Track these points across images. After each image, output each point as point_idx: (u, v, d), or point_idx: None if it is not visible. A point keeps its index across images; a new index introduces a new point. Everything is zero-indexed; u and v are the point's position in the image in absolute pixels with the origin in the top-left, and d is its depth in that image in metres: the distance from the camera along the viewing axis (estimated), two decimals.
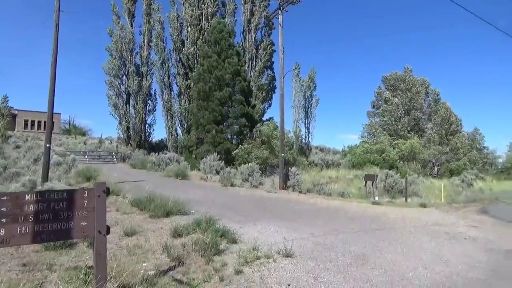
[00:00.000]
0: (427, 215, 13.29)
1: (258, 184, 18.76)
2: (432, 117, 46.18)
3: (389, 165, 30.95)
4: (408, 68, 48.32)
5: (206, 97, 26.77)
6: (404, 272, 5.79)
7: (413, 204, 16.67)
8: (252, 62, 32.64)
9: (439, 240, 8.56)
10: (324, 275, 5.43)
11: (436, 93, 47.76)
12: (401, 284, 5.21)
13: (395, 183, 20.57)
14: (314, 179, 22.12)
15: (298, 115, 34.80)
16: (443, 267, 6.15)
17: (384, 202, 16.91)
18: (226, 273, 5.18)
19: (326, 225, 9.64)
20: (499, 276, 5.77)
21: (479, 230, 10.42)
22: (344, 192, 18.96)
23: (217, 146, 25.50)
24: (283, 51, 19.62)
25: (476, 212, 15.70)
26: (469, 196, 21.03)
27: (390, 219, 11.60)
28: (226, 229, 7.16)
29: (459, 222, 11.80)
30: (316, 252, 6.68)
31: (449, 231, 9.89)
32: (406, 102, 45.43)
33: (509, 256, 7.22)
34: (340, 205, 14.60)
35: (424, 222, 11.28)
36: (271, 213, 11.13)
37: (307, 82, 35.62)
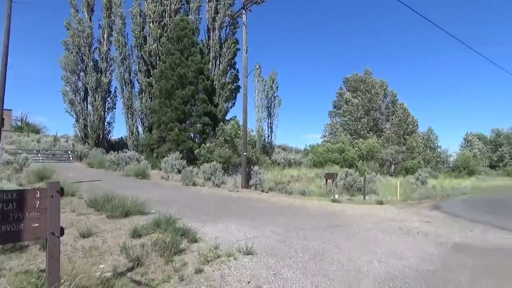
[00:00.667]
0: (383, 211, 13.80)
1: (220, 183, 18.71)
2: (390, 118, 48.02)
3: (349, 164, 31.84)
4: (368, 70, 50.00)
5: (168, 95, 26.33)
6: (360, 266, 6.00)
7: (371, 201, 17.26)
8: (216, 61, 32.45)
9: (394, 235, 8.93)
10: (284, 271, 5.52)
11: (394, 94, 49.72)
12: (357, 278, 5.40)
13: (354, 181, 21.20)
14: (276, 178, 22.36)
15: (261, 114, 35.02)
16: (397, 261, 6.43)
17: (344, 199, 17.40)
18: (186, 273, 5.14)
19: (287, 222, 9.79)
20: (448, 268, 6.11)
21: (431, 225, 10.97)
22: (305, 190, 19.29)
23: (179, 145, 25.17)
24: (247, 51, 19.68)
25: (429, 208, 16.52)
26: (423, 193, 22.09)
27: (349, 216, 11.95)
28: (187, 228, 7.09)
29: (413, 218, 12.36)
30: (277, 249, 6.77)
31: (403, 226, 10.34)
32: (366, 103, 46.94)
33: (457, 249, 7.66)
34: (301, 203, 14.85)
35: (380, 219, 11.72)
36: (233, 211, 11.15)
37: (270, 82, 35.91)
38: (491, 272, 5.95)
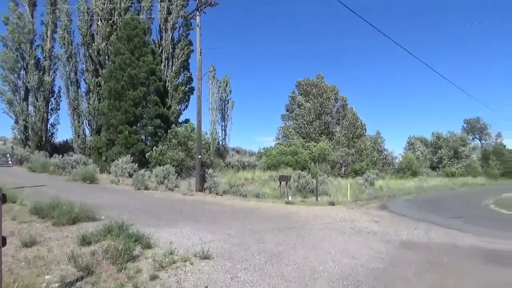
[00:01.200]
0: (335, 212, 14.23)
1: (174, 186, 18.33)
2: (340, 122, 49.71)
3: (302, 166, 32.53)
4: (320, 75, 51.40)
5: (118, 96, 25.38)
6: (315, 266, 6.13)
7: (323, 203, 17.73)
8: (168, 62, 31.77)
9: (346, 235, 9.24)
10: (241, 274, 5.50)
11: (344, 99, 51.50)
12: (312, 277, 5.51)
13: (307, 183, 21.69)
14: (231, 181, 22.33)
15: (215, 117, 34.83)
16: (349, 260, 6.65)
17: (297, 201, 17.72)
18: (140, 280, 4.96)
19: (243, 225, 9.79)
20: (396, 265, 6.42)
21: (379, 224, 11.48)
22: (260, 192, 19.43)
23: (130, 147, 24.33)
24: (201, 52, 19.48)
25: (377, 208, 17.28)
26: (371, 194, 23.08)
27: (302, 217, 12.19)
28: (140, 234, 6.86)
29: (363, 218, 12.86)
30: (234, 253, 6.74)
31: (354, 226, 10.73)
32: (318, 107, 48.21)
33: (404, 246, 8.07)
34: (256, 206, 14.93)
35: (333, 219, 12.07)
36: (187, 215, 10.96)
37: (223, 84, 35.85)
38: (435, 268, 6.32)
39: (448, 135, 67.78)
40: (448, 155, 63.72)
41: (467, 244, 8.53)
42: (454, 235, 9.87)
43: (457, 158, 63.37)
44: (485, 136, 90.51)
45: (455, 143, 65.15)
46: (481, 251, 7.83)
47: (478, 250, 7.89)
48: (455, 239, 9.20)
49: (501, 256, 7.33)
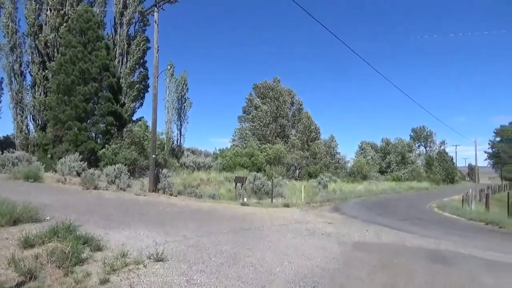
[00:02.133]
0: (290, 214, 14.40)
1: (126, 186, 17.65)
2: (295, 125, 50.59)
3: (257, 168, 32.68)
4: (277, 78, 52.01)
5: (68, 91, 24.03)
6: (272, 267, 6.11)
7: (278, 204, 17.90)
8: (123, 58, 30.62)
9: (301, 236, 9.34)
10: (197, 277, 5.35)
11: (299, 103, 52.50)
12: (269, 279, 5.48)
13: (262, 185, 21.80)
14: (186, 181, 21.92)
15: (171, 116, 34.06)
16: (306, 261, 6.71)
17: (253, 203, 17.75)
18: (89, 284, 4.67)
19: (198, 227, 9.60)
20: (350, 265, 6.57)
21: (333, 226, 11.76)
22: (215, 194, 19.25)
23: (79, 145, 23.11)
24: (157, 50, 18.97)
25: (330, 210, 17.73)
26: (324, 196, 23.66)
27: (258, 218, 12.19)
28: (89, 236, 6.47)
29: (317, 220, 13.11)
30: (189, 255, 6.56)
31: (309, 228, 10.89)
32: (274, 110, 48.73)
33: (356, 247, 8.30)
34: (211, 207, 14.75)
35: (288, 221, 12.19)
36: (141, 216, 10.57)
37: (181, 83, 35.17)
38: (386, 268, 6.54)
39: (396, 141, 71.36)
40: (396, 161, 67.03)
41: (415, 245, 8.93)
42: (403, 236, 10.31)
43: (404, 164, 66.84)
44: (429, 144, 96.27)
45: (402, 149, 68.69)
46: (427, 251, 8.23)
47: (425, 250, 8.28)
48: (404, 240, 9.61)
49: (445, 256, 7.74)
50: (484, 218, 16.04)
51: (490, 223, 15.11)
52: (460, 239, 10.35)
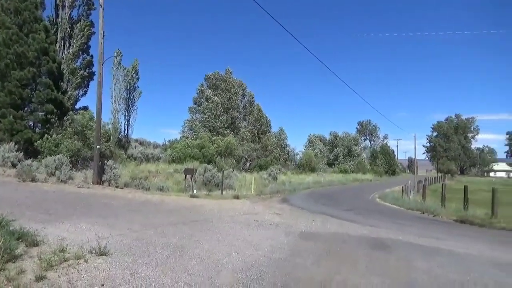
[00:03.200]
0: (240, 205, 14.47)
1: (67, 178, 16.76)
2: (247, 117, 50.78)
3: (208, 160, 32.44)
4: (229, 70, 51.76)
5: (1, 75, 22.22)
6: (219, 258, 6.10)
7: (228, 196, 17.92)
8: (65, 42, 28.83)
9: (250, 227, 9.42)
10: (142, 270, 5.21)
11: (251, 95, 52.70)
12: (216, 270, 5.47)
13: (213, 177, 21.71)
14: (133, 173, 21.24)
15: (118, 106, 32.65)
16: (253, 251, 6.77)
17: (202, 195, 17.62)
18: (24, 281, 4.36)
19: (145, 219, 9.36)
20: (296, 254, 6.72)
21: (281, 216, 11.98)
22: (164, 186, 18.87)
23: (15, 134, 21.53)
24: (103, 35, 18.09)
25: (279, 201, 18.05)
26: (274, 188, 24.04)
27: (208, 210, 12.13)
28: (24, 231, 6.06)
29: (266, 211, 13.29)
30: (135, 248, 6.37)
31: (257, 219, 11.01)
32: (225, 102, 48.54)
33: (303, 237, 8.52)
34: (160, 199, 14.45)
35: (237, 212, 12.24)
36: (83, 210, 10.09)
37: (130, 72, 33.78)
38: (331, 256, 6.78)
39: (343, 135, 74.15)
40: (343, 153, 69.68)
41: (358, 234, 9.34)
42: (347, 225, 10.75)
43: (350, 156, 69.68)
44: (374, 137, 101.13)
45: (349, 143, 71.51)
46: (369, 239, 8.65)
47: (367, 239, 8.69)
48: (348, 229, 10.02)
49: (385, 243, 8.18)
50: (421, 207, 17.16)
51: (426, 212, 16.19)
52: (399, 227, 10.99)
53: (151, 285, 4.65)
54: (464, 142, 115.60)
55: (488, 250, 7.90)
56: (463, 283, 5.29)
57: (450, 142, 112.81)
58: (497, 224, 12.35)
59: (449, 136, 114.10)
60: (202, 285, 4.77)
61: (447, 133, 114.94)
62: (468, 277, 5.62)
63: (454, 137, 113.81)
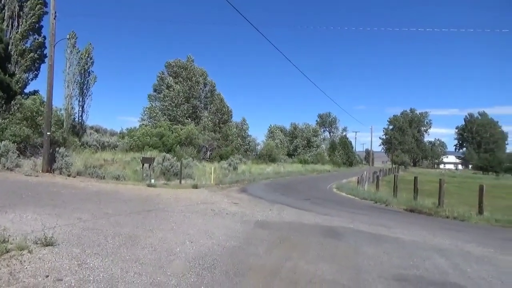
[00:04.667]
0: (197, 195, 14.39)
1: (14, 166, 15.89)
2: (208, 106, 50.23)
3: (168, 149, 31.86)
4: (190, 57, 50.70)
5: None
6: (172, 247, 6.05)
7: (187, 186, 17.76)
8: (13, 22, 26.96)
9: (206, 216, 9.41)
10: (91, 260, 5.06)
11: (212, 84, 52.07)
12: (169, 259, 5.42)
13: (172, 166, 21.37)
14: (87, 162, 20.44)
15: (72, 91, 31.13)
16: (207, 240, 6.78)
17: (160, 184, 17.35)
18: None
19: (98, 209, 9.08)
20: (250, 242, 6.81)
21: (238, 206, 12.05)
22: (120, 175, 18.37)
23: None
24: (55, 16, 17.13)
25: (238, 191, 18.12)
26: (234, 178, 24.08)
27: (164, 200, 11.96)
28: None
29: (224, 200, 13.31)
30: (84, 238, 6.17)
31: (214, 208, 11.01)
32: (187, 90, 47.66)
33: (258, 226, 8.62)
34: (114, 188, 14.06)
35: (194, 202, 12.17)
36: (29, 199, 9.62)
37: (85, 55, 32.22)
38: (284, 243, 6.92)
39: (304, 126, 75.42)
40: (303, 144, 70.97)
41: (312, 222, 9.59)
42: (302, 214, 11.00)
43: (309, 147, 71.10)
44: (333, 129, 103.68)
45: (308, 134, 72.87)
46: (322, 227, 8.91)
47: (320, 227, 8.95)
48: (302, 218, 10.26)
49: (336, 231, 8.46)
50: (374, 197, 17.89)
51: (378, 201, 16.90)
52: (352, 216, 11.39)
53: (100, 275, 4.54)
54: (418, 135, 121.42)
55: (431, 237, 8.38)
56: (406, 268, 5.60)
57: (405, 135, 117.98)
58: (442, 213, 13.12)
59: (404, 129, 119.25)
60: (153, 274, 4.72)
61: (402, 127, 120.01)
62: (411, 262, 5.95)
63: (409, 130, 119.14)
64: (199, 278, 4.69)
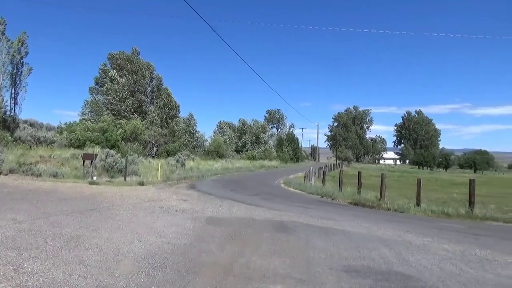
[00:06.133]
0: (144, 192, 13.91)
1: None
2: (154, 101, 48.74)
3: (111, 145, 30.50)
4: (136, 49, 48.77)
5: None
6: (120, 247, 5.77)
7: (132, 183, 17.13)
8: None
9: (154, 214, 9.10)
10: (29, 264, 4.67)
11: (159, 78, 50.58)
12: (116, 260, 5.15)
13: (115, 163, 20.48)
14: (21, 159, 18.98)
15: (2, 81, 28.71)
16: (157, 238, 6.54)
17: (103, 181, 16.58)
18: None
19: (35, 208, 8.44)
20: (202, 239, 6.68)
21: (188, 202, 11.81)
22: (58, 172, 17.27)
23: None
24: None
25: (186, 187, 17.80)
26: (182, 174, 23.65)
27: (108, 198, 11.43)
28: None
29: (172, 197, 12.99)
30: (20, 240, 5.69)
31: (163, 205, 10.70)
32: (132, 84, 45.88)
33: (209, 222, 8.50)
34: (53, 187, 13.19)
35: (141, 199, 11.74)
36: None
37: (17, 44, 29.81)
38: (236, 239, 6.87)
39: (252, 122, 75.90)
40: (251, 140, 71.42)
41: (262, 217, 9.64)
42: (252, 210, 11.02)
43: (258, 143, 71.74)
44: (281, 126, 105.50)
45: (257, 130, 73.48)
46: (273, 222, 8.98)
47: (271, 222, 9.02)
48: (253, 213, 10.28)
49: (287, 226, 8.57)
50: (321, 192, 18.41)
51: (325, 196, 17.42)
52: (301, 210, 11.61)
53: (39, 280, 4.19)
54: (360, 132, 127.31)
55: (376, 228, 8.77)
56: (354, 259, 5.79)
57: (348, 132, 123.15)
58: (384, 206, 13.82)
59: (348, 126, 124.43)
60: (100, 276, 4.45)
61: (346, 123, 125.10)
62: (358, 253, 6.17)
63: (352, 127, 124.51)
64: (150, 278, 4.50)
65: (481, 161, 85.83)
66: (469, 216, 11.59)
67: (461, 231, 9.13)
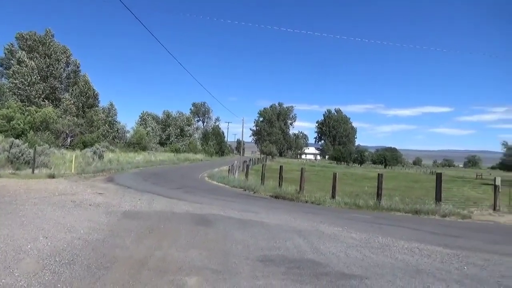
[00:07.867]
0: (55, 185, 12.94)
1: None
2: (70, 88, 45.24)
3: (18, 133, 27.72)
4: (49, 31, 44.65)
5: None
6: (22, 245, 5.29)
7: (41, 175, 15.86)
8: None
9: (65, 208, 8.50)
10: None
11: (76, 64, 47.04)
12: (17, 258, 4.72)
13: (22, 154, 18.68)
14: None
15: None
16: (66, 234, 6.12)
17: (6, 174, 15.13)
18: None
19: None
20: (116, 234, 6.39)
21: (104, 196, 11.22)
22: None
23: None
24: None
25: (103, 180, 16.90)
26: (99, 167, 22.38)
27: (12, 191, 10.43)
28: None
29: (87, 191, 12.24)
30: None
31: (75, 199, 10.04)
32: (44, 68, 42.01)
33: (126, 216, 8.17)
34: None
35: (51, 193, 10.89)
36: None
37: None
38: (153, 233, 6.70)
39: (177, 114, 74.27)
40: (176, 133, 69.92)
41: (183, 211, 9.52)
42: (173, 203, 10.83)
43: (182, 136, 70.48)
44: (207, 119, 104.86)
45: (182, 123, 72.11)
46: (193, 215, 8.92)
47: (191, 215, 8.94)
48: (174, 207, 10.10)
49: (207, 219, 8.57)
50: (244, 185, 18.72)
51: (247, 189, 17.74)
52: (222, 203, 11.69)
53: None
54: (284, 127, 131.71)
55: (293, 220, 9.16)
56: (270, 249, 5.99)
57: (273, 127, 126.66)
58: (302, 198, 14.49)
59: (272, 121, 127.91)
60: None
61: (271, 119, 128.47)
62: (274, 243, 6.40)
63: (276, 123, 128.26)
64: (55, 275, 4.19)
65: (391, 157, 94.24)
66: (377, 207, 12.66)
67: (368, 221, 9.93)
